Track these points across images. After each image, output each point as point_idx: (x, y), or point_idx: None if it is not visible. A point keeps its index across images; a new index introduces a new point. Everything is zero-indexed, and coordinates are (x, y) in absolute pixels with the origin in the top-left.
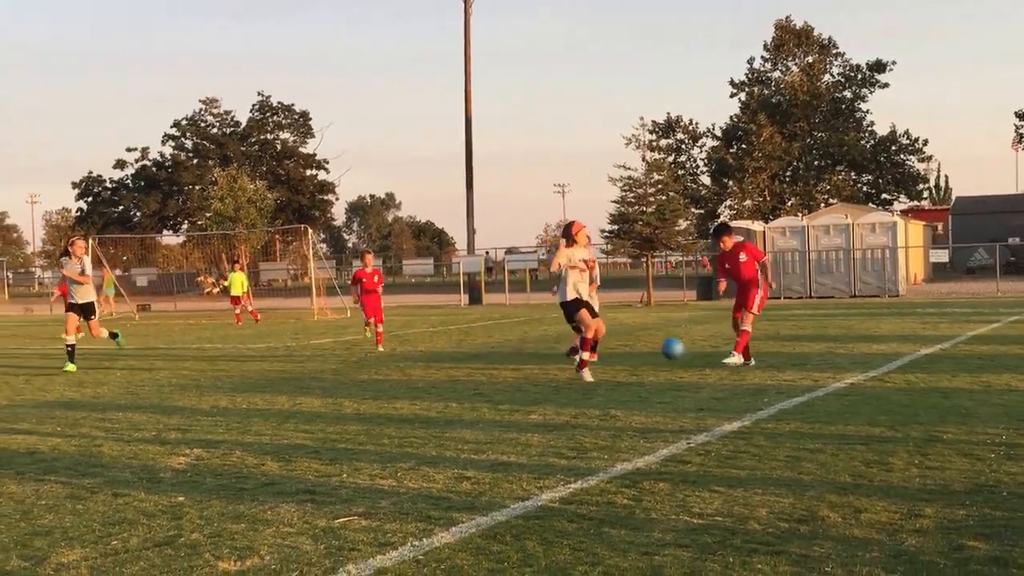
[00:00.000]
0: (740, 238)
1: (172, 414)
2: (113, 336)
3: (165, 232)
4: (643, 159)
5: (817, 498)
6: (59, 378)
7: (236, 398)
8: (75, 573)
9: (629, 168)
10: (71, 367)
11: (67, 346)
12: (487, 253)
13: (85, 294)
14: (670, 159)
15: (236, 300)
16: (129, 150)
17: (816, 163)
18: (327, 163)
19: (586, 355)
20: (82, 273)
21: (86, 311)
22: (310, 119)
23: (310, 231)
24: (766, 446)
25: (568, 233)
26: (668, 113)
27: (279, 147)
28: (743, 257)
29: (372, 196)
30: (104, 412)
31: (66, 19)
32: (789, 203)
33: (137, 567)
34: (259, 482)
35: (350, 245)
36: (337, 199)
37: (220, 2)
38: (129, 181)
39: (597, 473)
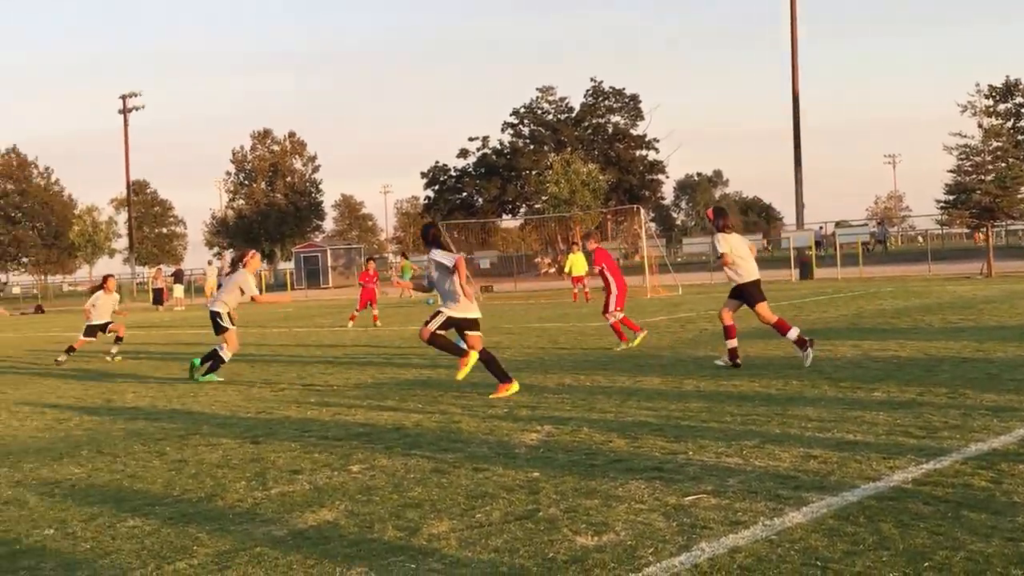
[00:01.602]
0: None
1: (521, 392)
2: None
3: (504, 216)
4: (980, 126)
5: None
6: (417, 357)
7: (579, 376)
8: (445, 544)
9: (965, 136)
10: None
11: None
12: (819, 228)
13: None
14: (1009, 124)
15: (578, 279)
16: (471, 139)
17: None
18: (657, 143)
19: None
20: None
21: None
22: (640, 102)
23: (642, 211)
24: None
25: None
26: (1007, 76)
27: (610, 130)
28: None
29: (699, 174)
30: (460, 390)
31: (426, 15)
32: None
33: (501, 540)
34: (608, 459)
35: (678, 223)
36: (667, 178)
37: None
38: (471, 169)
39: (950, 453)
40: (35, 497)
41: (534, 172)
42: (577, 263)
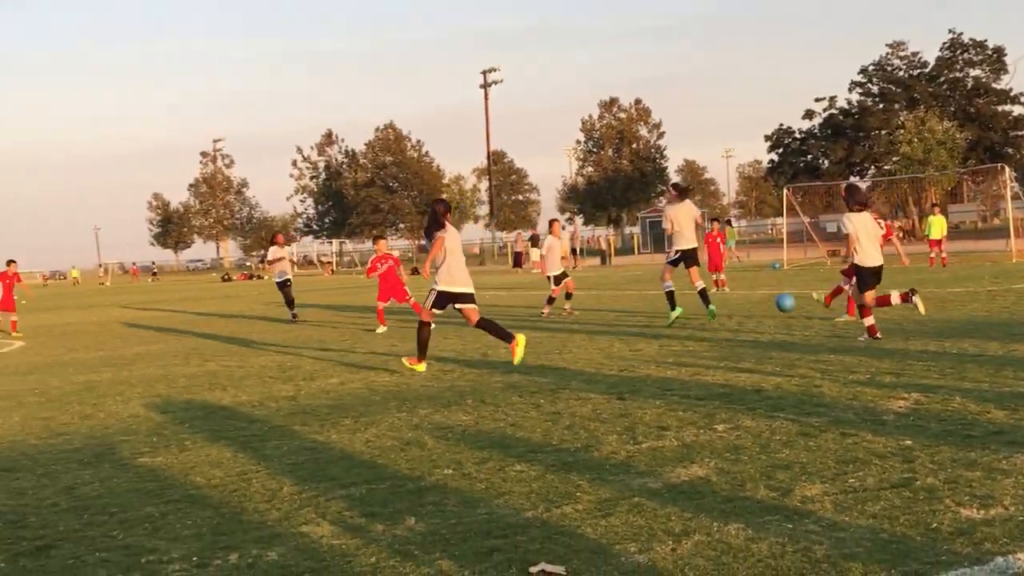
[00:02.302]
0: None
1: (883, 358)
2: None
3: (852, 178)
4: None
5: None
6: (770, 321)
7: (943, 342)
8: (819, 506)
9: None
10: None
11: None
12: None
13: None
14: None
15: (935, 243)
16: (817, 100)
17: None
18: (1023, 97)
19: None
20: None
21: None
22: (1004, 54)
23: (1007, 170)
24: None
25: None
26: None
27: (969, 84)
28: None
29: None
30: (816, 354)
31: None
32: None
33: (878, 506)
34: (987, 430)
35: None
36: None
37: None
38: (816, 130)
39: None
40: (432, 440)
41: (884, 132)
42: (936, 225)
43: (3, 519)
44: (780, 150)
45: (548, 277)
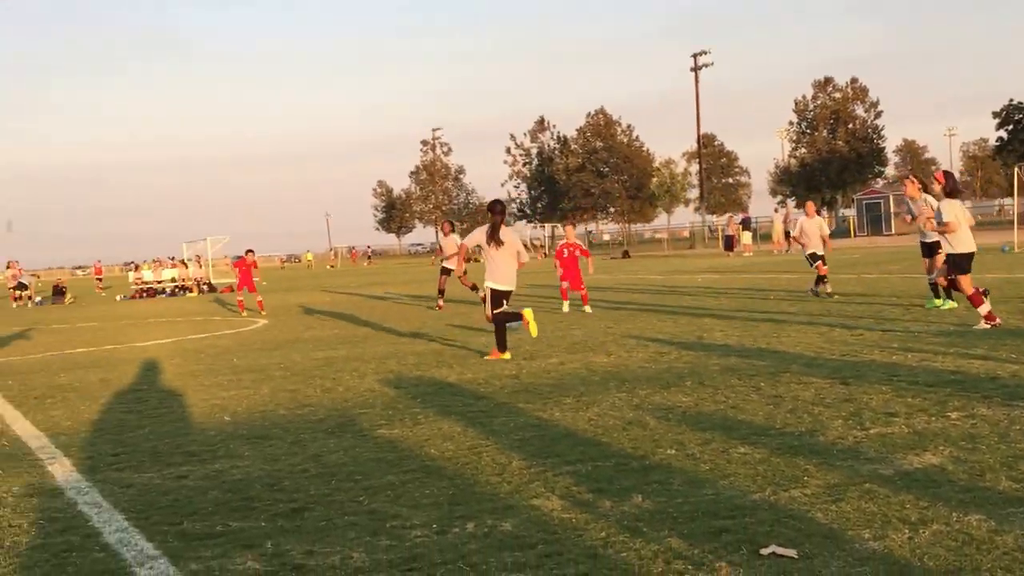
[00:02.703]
0: None
1: None
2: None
3: None
4: None
5: None
6: (1003, 307)
7: None
8: None
9: None
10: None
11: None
12: None
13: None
14: None
15: None
16: None
17: None
18: None
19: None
20: None
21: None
22: None
23: None
24: None
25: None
26: None
27: None
28: None
29: None
30: None
31: None
32: None
33: None
34: None
35: None
36: None
37: None
38: None
39: None
40: (653, 420)
41: None
42: None
43: (261, 482)
44: (1010, 127)
45: (807, 257)
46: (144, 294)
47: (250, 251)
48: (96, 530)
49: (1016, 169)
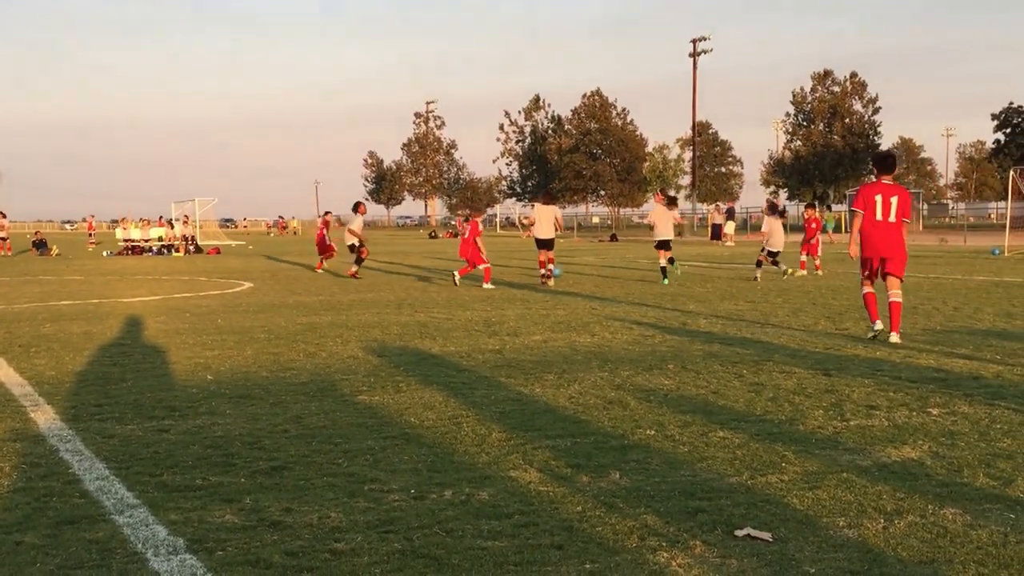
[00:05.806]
0: None
1: None
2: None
3: None
4: None
5: None
6: (989, 309)
7: None
8: None
9: None
10: None
11: None
12: None
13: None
14: None
15: None
16: None
17: None
18: None
19: None
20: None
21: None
22: None
23: None
24: None
25: None
26: None
27: None
28: None
29: None
30: None
31: None
32: None
33: None
34: None
35: None
36: None
37: None
38: None
39: None
40: (634, 400)
41: None
42: None
43: (242, 440)
44: (1008, 130)
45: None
46: (131, 251)
47: (328, 212)
48: (77, 477)
49: (1012, 173)
